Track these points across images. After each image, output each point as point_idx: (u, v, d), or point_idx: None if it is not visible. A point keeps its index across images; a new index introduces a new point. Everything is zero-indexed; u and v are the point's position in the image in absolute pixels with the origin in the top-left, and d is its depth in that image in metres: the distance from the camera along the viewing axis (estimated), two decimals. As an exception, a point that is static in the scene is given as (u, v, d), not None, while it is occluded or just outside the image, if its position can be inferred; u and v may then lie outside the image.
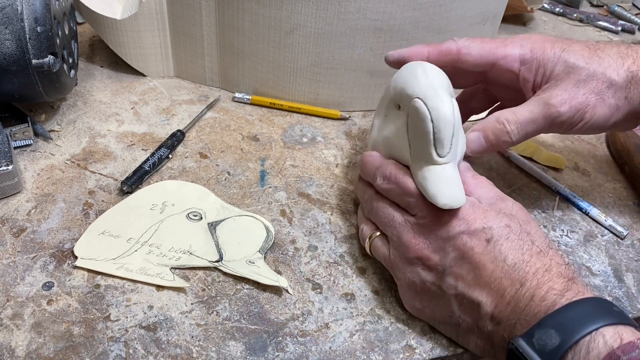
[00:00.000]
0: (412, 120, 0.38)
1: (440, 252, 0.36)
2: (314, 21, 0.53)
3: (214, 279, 0.40)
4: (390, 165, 0.40)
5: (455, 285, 0.35)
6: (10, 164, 0.44)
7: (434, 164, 0.37)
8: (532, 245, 0.35)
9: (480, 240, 0.35)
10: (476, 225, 0.35)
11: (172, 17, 0.58)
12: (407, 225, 0.38)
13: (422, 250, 0.36)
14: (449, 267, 0.35)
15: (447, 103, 0.36)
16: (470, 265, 0.35)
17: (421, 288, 0.37)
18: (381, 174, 0.40)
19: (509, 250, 0.34)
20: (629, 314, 0.41)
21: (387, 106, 0.42)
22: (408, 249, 0.37)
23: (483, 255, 0.35)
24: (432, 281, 0.36)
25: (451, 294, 0.35)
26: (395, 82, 0.41)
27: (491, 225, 0.35)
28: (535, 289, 0.33)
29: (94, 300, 0.38)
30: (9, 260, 0.40)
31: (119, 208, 0.45)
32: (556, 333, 0.30)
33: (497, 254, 0.34)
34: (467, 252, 0.35)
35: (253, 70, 0.58)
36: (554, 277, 0.33)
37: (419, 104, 0.37)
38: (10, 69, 0.45)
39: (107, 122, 0.55)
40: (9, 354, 0.34)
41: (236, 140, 0.54)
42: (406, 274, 0.37)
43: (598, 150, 0.59)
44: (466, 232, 0.35)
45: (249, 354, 0.36)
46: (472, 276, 0.35)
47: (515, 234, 0.35)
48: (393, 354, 0.37)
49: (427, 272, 0.36)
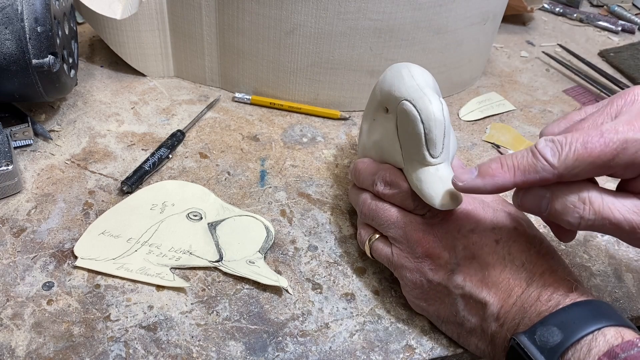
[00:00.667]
0: (401, 122, 0.38)
1: (450, 249, 0.36)
2: (314, 21, 0.53)
3: (214, 279, 0.40)
4: (389, 170, 0.39)
5: (463, 285, 0.35)
6: (10, 164, 0.44)
7: (428, 165, 0.36)
8: (540, 246, 0.35)
9: (490, 239, 0.35)
10: (486, 225, 0.35)
11: (172, 17, 0.58)
12: (414, 223, 0.37)
13: (432, 247, 0.36)
14: (458, 265, 0.35)
15: (436, 103, 0.36)
16: (479, 264, 0.35)
17: (427, 287, 0.37)
18: (381, 179, 0.39)
19: (517, 251, 0.34)
20: (628, 315, 0.42)
21: (374, 110, 0.42)
22: (417, 245, 0.36)
23: (492, 255, 0.34)
24: (439, 280, 0.36)
25: (458, 294, 0.35)
26: (382, 85, 0.40)
27: (501, 226, 0.35)
28: (542, 290, 0.33)
29: (94, 300, 0.38)
30: (9, 260, 0.40)
31: (119, 208, 0.45)
32: (558, 331, 0.30)
33: (506, 254, 0.34)
34: (477, 251, 0.35)
35: (253, 70, 0.58)
36: (560, 278, 0.33)
37: (407, 105, 0.37)
38: (10, 69, 0.45)
39: (107, 122, 0.55)
40: (9, 354, 0.34)
41: (236, 140, 0.54)
42: (413, 273, 0.37)
43: (598, 150, 0.59)
44: (476, 231, 0.35)
45: (249, 354, 0.36)
46: (480, 275, 0.34)
47: (524, 236, 0.35)
48: (393, 354, 0.37)
49: (435, 271, 0.36)
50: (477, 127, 0.61)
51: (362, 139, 0.44)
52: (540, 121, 0.62)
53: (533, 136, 0.60)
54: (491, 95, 0.65)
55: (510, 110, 0.64)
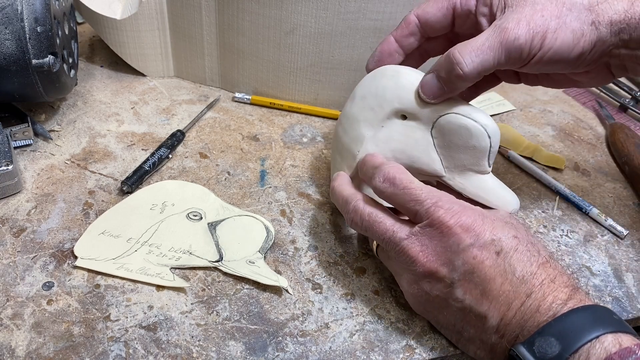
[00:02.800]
0: (451, 134, 0.39)
1: (449, 264, 0.34)
2: (314, 21, 0.53)
3: (214, 279, 0.40)
4: (394, 167, 0.38)
5: (462, 299, 0.34)
6: (10, 164, 0.44)
7: (485, 173, 0.39)
8: (539, 255, 0.34)
9: (490, 252, 0.34)
10: (486, 238, 0.34)
11: (172, 17, 0.58)
12: (411, 239, 0.36)
13: (430, 263, 0.35)
14: (458, 280, 0.34)
15: (489, 116, 0.38)
16: (480, 278, 0.34)
17: (426, 298, 0.36)
18: (382, 174, 0.38)
19: (517, 262, 0.34)
20: (628, 315, 0.41)
21: (384, 117, 0.41)
22: (415, 264, 0.35)
23: (493, 269, 0.34)
24: (438, 293, 0.35)
25: (457, 307, 0.35)
26: (394, 92, 0.40)
27: (500, 237, 0.34)
28: (541, 300, 0.32)
29: (94, 300, 0.38)
30: (9, 260, 0.40)
31: (119, 208, 0.45)
32: (557, 341, 0.30)
33: (506, 266, 0.34)
34: (477, 266, 0.34)
35: (253, 70, 0.58)
36: (558, 287, 0.33)
37: (465, 120, 0.38)
38: (10, 69, 0.45)
39: (107, 122, 0.55)
40: (9, 354, 0.34)
41: (236, 140, 0.54)
42: (411, 285, 0.37)
43: (598, 150, 0.59)
44: (476, 245, 0.34)
45: (249, 354, 0.36)
46: (480, 289, 0.34)
47: (523, 245, 0.35)
48: (393, 354, 0.37)
49: (434, 285, 0.35)
50: (477, 127, 0.61)
51: (366, 147, 0.42)
52: (540, 121, 0.62)
53: (533, 136, 0.60)
54: (491, 95, 0.65)
55: (510, 110, 0.64)
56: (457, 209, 0.35)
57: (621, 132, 0.58)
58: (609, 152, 0.59)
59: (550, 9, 0.36)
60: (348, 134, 0.43)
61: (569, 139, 0.60)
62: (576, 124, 0.63)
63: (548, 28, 0.36)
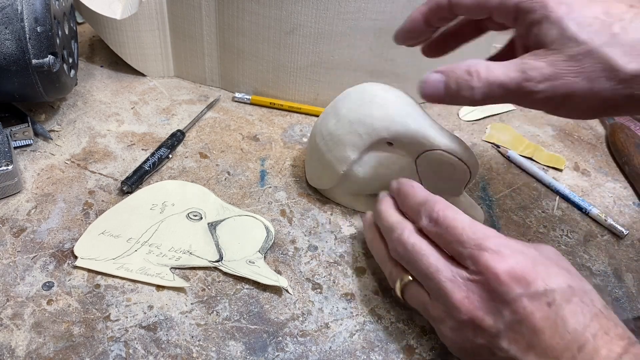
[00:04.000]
0: (439, 167, 0.42)
1: (495, 314, 0.32)
2: (314, 21, 0.53)
3: (214, 279, 0.40)
4: (440, 204, 0.35)
5: (508, 349, 0.32)
6: (10, 164, 0.44)
7: (460, 194, 0.45)
8: (592, 306, 0.32)
9: (542, 304, 0.31)
10: (537, 287, 0.31)
11: (172, 17, 0.58)
12: (457, 282, 0.33)
13: (474, 311, 0.32)
14: (504, 330, 0.32)
15: (470, 150, 0.41)
16: (528, 329, 0.31)
17: (468, 346, 0.34)
18: (427, 214, 0.35)
19: (570, 314, 0.31)
20: (628, 315, 0.41)
21: (368, 145, 0.42)
22: (459, 310, 0.33)
23: (543, 321, 0.31)
24: (482, 343, 0.33)
25: (502, 356, 0.32)
26: (382, 123, 0.41)
27: (554, 288, 0.31)
28: (594, 354, 0.30)
29: (94, 300, 0.38)
30: (9, 260, 0.40)
31: (119, 208, 0.45)
32: None
33: (558, 319, 0.31)
34: (527, 317, 0.31)
35: (253, 70, 0.58)
36: (612, 339, 0.31)
37: (452, 159, 0.41)
38: (10, 69, 0.45)
39: (107, 122, 0.55)
40: (9, 354, 0.34)
41: (236, 140, 0.54)
42: (454, 332, 0.34)
43: (598, 150, 0.59)
44: (526, 295, 0.31)
45: (249, 354, 0.36)
46: (528, 340, 0.31)
47: (578, 296, 0.32)
48: (393, 354, 0.37)
49: (478, 334, 0.33)
50: (477, 127, 0.61)
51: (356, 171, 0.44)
52: (540, 121, 0.62)
53: (533, 136, 0.60)
54: (491, 95, 0.65)
55: (510, 110, 0.64)
56: (505, 252, 0.32)
57: (621, 132, 0.58)
58: (609, 152, 0.59)
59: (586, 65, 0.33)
60: (332, 152, 0.44)
61: (569, 139, 0.60)
62: (576, 123, 0.63)
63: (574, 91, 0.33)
